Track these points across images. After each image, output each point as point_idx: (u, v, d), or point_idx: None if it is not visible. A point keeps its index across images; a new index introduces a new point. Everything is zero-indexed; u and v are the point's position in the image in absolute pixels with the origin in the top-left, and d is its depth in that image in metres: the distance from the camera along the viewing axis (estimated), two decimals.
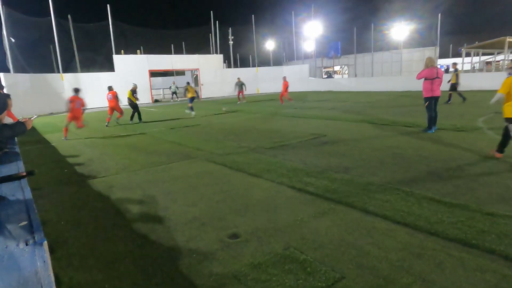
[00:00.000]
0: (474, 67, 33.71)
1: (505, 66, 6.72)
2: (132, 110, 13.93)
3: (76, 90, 10.50)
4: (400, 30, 32.76)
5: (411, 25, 32.88)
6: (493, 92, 5.75)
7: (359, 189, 4.45)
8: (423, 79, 8.18)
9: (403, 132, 8.41)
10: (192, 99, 15.71)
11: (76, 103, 10.25)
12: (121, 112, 13.37)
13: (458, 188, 4.35)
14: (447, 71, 35.13)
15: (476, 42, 30.83)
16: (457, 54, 40.91)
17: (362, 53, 35.58)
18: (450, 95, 14.48)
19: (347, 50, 38.46)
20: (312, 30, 35.85)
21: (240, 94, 21.65)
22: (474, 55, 33.40)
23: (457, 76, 14.33)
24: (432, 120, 8.23)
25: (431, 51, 30.54)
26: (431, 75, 7.97)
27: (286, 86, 18.56)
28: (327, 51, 39.19)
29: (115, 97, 13.08)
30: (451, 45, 48.91)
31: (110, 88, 13.24)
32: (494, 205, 3.72)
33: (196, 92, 17.04)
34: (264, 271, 2.72)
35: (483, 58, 34.97)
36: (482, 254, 2.79)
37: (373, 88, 25.58)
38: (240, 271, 2.74)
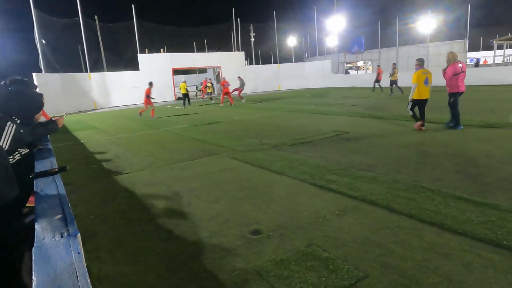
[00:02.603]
0: (507, 59, 32.13)
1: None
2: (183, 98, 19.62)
3: (150, 84, 15.09)
4: (426, 22, 31.64)
5: (438, 17, 31.70)
6: None
7: (383, 187, 4.37)
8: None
9: (429, 128, 8.16)
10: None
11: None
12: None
13: (488, 186, 4.18)
14: (477, 64, 33.69)
15: (509, 34, 29.33)
16: (488, 47, 39.13)
17: (386, 47, 34.74)
18: (391, 89, 18.65)
19: (371, 44, 37.66)
20: (335, 25, 35.28)
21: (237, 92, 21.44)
22: (506, 48, 31.79)
23: (393, 73, 18.55)
24: (459, 116, 7.95)
25: (459, 44, 29.38)
26: (456, 71, 7.72)
27: (227, 86, 19.52)
28: (350, 46, 38.49)
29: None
30: (481, 37, 46.82)
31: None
32: None
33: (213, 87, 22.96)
34: (286, 267, 2.73)
35: None
36: None
37: (398, 83, 24.83)
38: (263, 267, 2.76)
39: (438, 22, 31.81)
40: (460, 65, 7.75)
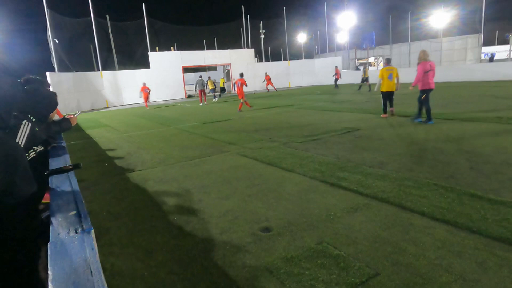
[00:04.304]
0: None
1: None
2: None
3: (241, 75, 14.56)
4: (439, 17, 31.04)
5: (451, 11, 31.05)
6: None
7: (395, 184, 4.32)
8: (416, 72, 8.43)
9: (442, 125, 8.03)
10: (212, 90, 22.14)
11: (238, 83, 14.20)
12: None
13: (504, 184, 4.10)
14: (491, 59, 32.91)
15: None
16: (504, 41, 38.21)
17: (398, 43, 34.24)
18: (369, 85, 20.30)
19: (382, 40, 37.20)
20: (345, 21, 34.90)
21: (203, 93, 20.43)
22: None
23: (364, 72, 21.12)
24: (430, 111, 8.40)
25: (474, 39, 28.73)
26: (425, 68, 8.15)
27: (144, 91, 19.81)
28: (361, 42, 38.07)
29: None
30: (497, 31, 45.73)
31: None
32: None
33: (214, 85, 22.60)
34: (297, 264, 2.73)
35: None
36: None
37: (410, 79, 24.38)
38: (273, 264, 2.77)
39: (452, 17, 31.15)
40: (429, 63, 8.20)
